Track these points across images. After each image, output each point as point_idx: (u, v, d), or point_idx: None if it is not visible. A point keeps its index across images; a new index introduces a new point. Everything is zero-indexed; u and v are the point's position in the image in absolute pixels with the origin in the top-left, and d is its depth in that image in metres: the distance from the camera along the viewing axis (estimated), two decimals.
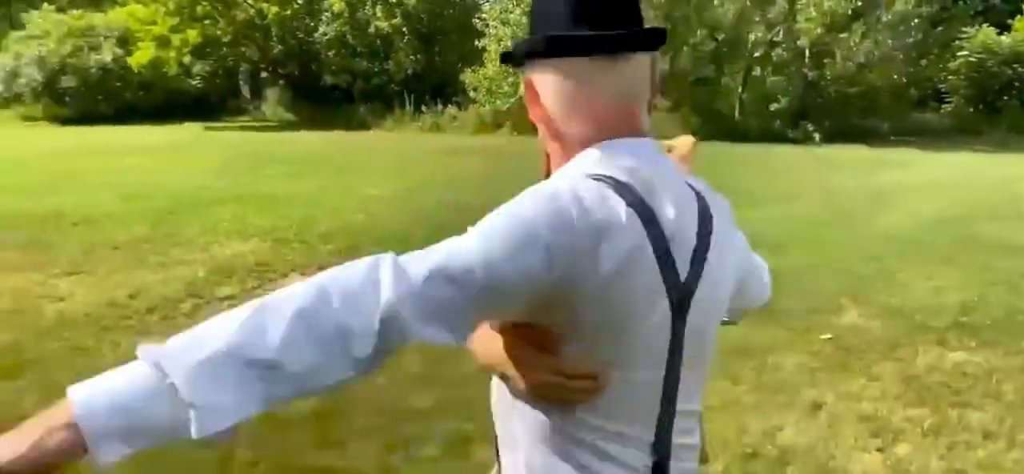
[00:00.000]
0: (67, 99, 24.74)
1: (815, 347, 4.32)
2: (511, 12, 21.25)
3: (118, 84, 24.94)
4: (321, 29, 25.09)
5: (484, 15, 22.14)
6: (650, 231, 0.97)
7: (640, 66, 1.05)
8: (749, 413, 3.54)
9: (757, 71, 19.30)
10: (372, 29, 24.30)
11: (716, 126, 17.87)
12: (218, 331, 0.81)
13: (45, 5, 26.78)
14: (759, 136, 17.41)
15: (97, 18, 26.26)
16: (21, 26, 27.18)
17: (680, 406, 1.06)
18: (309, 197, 9.61)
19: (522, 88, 1.10)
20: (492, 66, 21.70)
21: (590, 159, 1.02)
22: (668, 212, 0.99)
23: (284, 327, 0.81)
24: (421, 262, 0.89)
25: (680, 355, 1.03)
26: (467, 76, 21.65)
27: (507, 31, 21.51)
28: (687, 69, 19.56)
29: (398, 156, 14.54)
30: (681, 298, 1.01)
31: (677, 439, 1.06)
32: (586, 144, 1.04)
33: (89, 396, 0.78)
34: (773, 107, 18.63)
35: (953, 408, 3.52)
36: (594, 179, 0.98)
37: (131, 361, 0.82)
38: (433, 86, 22.92)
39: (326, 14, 24.88)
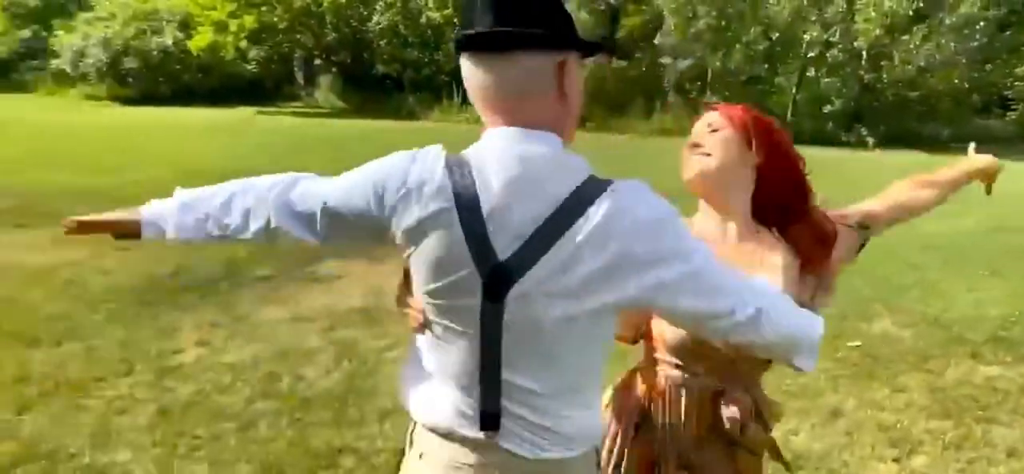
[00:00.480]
0: (130, 80, 25.57)
1: (841, 354, 4.24)
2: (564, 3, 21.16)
3: (178, 67, 25.67)
4: (375, 18, 25.38)
5: None
6: (460, 201, 1.11)
7: (518, 65, 1.12)
8: None
9: (811, 72, 18.84)
10: (423, 19, 24.49)
11: None
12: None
13: None
14: (811, 139, 16.98)
15: (160, 2, 27.04)
16: (90, 8, 28.20)
17: (508, 377, 1.15)
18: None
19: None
20: None
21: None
22: (492, 191, 1.10)
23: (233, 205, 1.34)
24: (315, 184, 1.30)
25: (498, 329, 1.12)
26: None
27: None
28: (739, 67, 19.22)
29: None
30: (494, 275, 1.10)
31: (514, 409, 1.16)
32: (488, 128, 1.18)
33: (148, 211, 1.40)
34: (827, 109, 18.18)
35: (978, 423, 3.44)
36: (443, 149, 1.18)
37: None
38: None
39: (380, 3, 25.16)
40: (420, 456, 1.27)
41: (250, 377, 3.83)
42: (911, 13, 17.00)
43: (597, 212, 1.08)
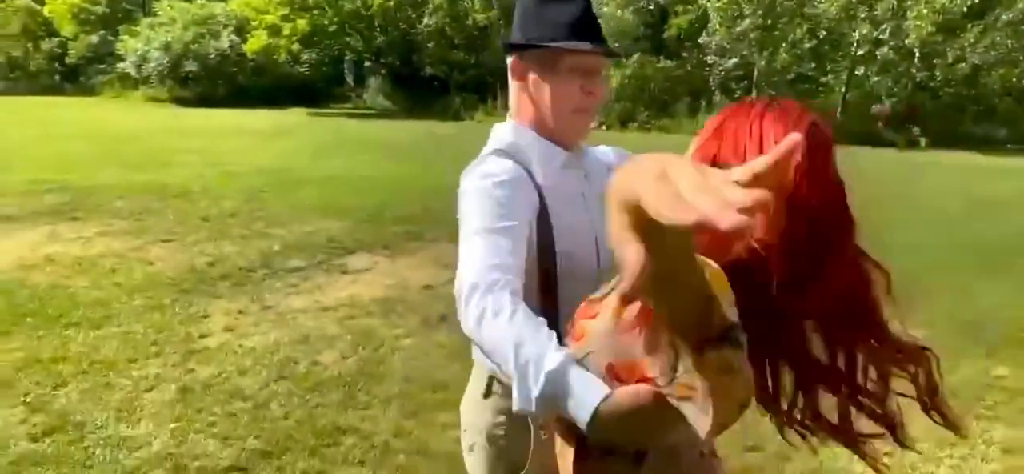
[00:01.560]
0: (189, 82, 26.57)
1: None
2: (605, 4, 21.20)
3: (233, 69, 26.58)
4: (424, 20, 25.81)
5: None
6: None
7: None
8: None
9: (861, 70, 18.43)
10: (470, 21, 24.79)
11: None
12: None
13: None
14: (861, 139, 16.65)
15: (218, 7, 28.03)
16: (153, 13, 29.39)
17: None
18: (392, 181, 10.04)
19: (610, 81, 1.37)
20: None
21: None
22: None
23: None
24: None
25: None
26: None
27: (601, 24, 21.49)
28: (785, 66, 18.92)
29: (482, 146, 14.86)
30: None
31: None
32: None
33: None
34: (877, 109, 17.77)
35: (979, 420, 3.41)
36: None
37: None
38: None
39: (429, 6, 25.57)
40: None
41: (269, 361, 4.04)
42: (965, 9, 16.49)
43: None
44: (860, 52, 17.99)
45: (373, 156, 12.88)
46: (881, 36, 17.57)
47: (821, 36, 18.71)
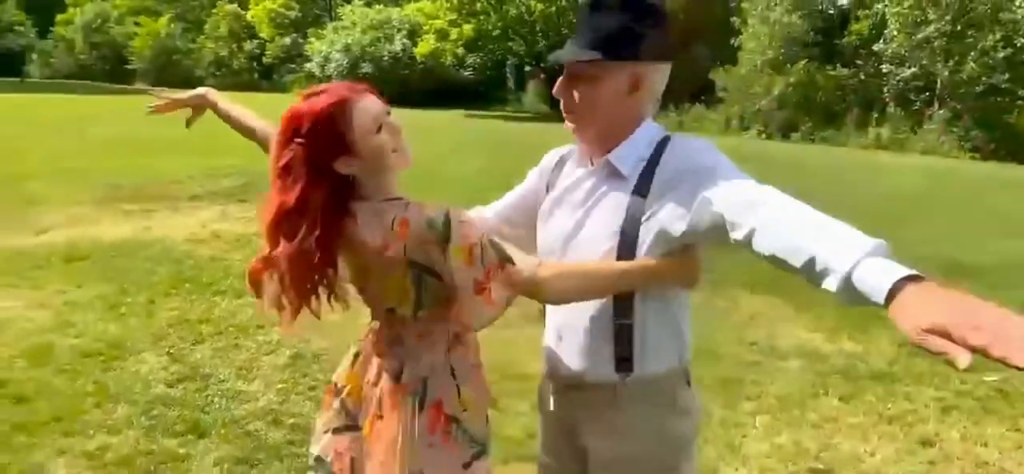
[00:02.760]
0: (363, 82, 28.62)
1: (968, 386, 3.91)
2: (772, 9, 20.34)
3: (404, 71, 28.25)
4: None
5: (745, 8, 21.44)
6: None
7: None
8: (843, 432, 3.40)
9: None
10: None
11: (1007, 144, 15.59)
12: None
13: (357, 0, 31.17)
14: None
15: (393, 12, 29.94)
16: (338, 18, 31.95)
17: None
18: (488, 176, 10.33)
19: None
20: (747, 65, 20.97)
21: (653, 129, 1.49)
22: None
23: None
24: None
25: None
26: (718, 74, 21.16)
27: (765, 30, 20.64)
28: (973, 76, 17.19)
29: None
30: None
31: None
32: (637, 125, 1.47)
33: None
34: None
35: None
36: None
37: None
38: (682, 84, 22.72)
39: None
40: None
41: None
42: None
43: None
44: None
45: (511, 153, 13.27)
46: None
47: (1018, 45, 16.80)
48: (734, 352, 4.43)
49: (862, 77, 20.21)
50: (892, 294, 0.92)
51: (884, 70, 19.15)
